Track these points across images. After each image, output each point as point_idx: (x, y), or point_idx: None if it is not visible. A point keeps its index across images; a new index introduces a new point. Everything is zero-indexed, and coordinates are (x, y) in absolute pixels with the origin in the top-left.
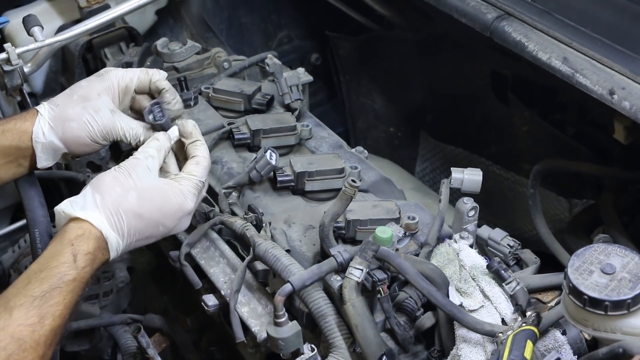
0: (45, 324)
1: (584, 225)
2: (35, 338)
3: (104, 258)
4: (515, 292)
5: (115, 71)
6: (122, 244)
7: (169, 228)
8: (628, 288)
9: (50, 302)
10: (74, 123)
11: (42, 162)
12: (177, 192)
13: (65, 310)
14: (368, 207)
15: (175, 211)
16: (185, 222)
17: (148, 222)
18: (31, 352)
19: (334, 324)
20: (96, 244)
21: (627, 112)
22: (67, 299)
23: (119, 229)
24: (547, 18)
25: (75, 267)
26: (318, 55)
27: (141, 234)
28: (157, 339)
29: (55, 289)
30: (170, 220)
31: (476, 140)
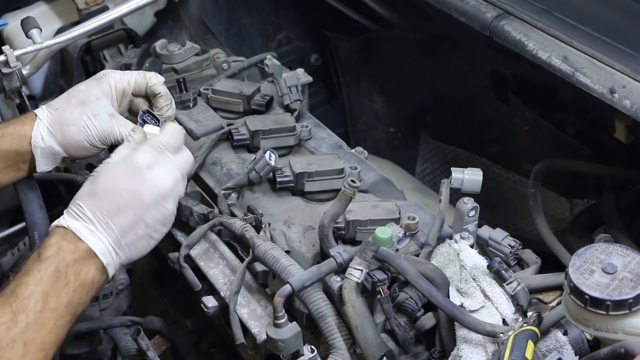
0: (19, 320)
1: (585, 225)
2: (11, 336)
3: (76, 248)
4: (516, 293)
5: (112, 74)
6: (93, 227)
7: (136, 190)
8: (629, 288)
9: (19, 297)
10: (73, 127)
11: (42, 167)
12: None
13: (37, 304)
14: (368, 208)
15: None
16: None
17: (105, 194)
18: (8, 350)
19: (334, 325)
20: (58, 235)
21: (628, 111)
22: (36, 292)
23: (76, 214)
24: (547, 17)
25: (38, 260)
26: (317, 56)
27: (106, 208)
28: (157, 341)
29: (22, 284)
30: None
31: (476, 141)
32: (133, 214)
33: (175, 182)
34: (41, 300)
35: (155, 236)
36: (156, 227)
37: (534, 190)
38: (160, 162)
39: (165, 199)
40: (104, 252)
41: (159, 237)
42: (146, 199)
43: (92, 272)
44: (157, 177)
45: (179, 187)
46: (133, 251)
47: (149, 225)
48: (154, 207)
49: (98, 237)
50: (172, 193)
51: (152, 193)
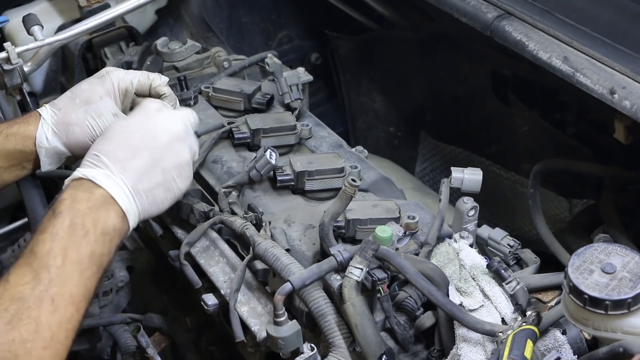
0: (41, 278)
1: (584, 225)
2: (36, 294)
3: (92, 196)
4: (515, 292)
5: (115, 72)
6: (110, 172)
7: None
8: (628, 287)
9: (39, 255)
10: (77, 128)
11: (46, 166)
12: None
13: (57, 259)
14: (368, 207)
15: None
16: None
17: (120, 137)
18: (35, 309)
19: (334, 323)
20: (72, 188)
21: (628, 112)
22: (54, 247)
23: (92, 163)
24: (547, 17)
25: (52, 216)
26: (318, 54)
27: (122, 151)
28: (157, 339)
29: (38, 242)
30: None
31: (476, 140)
32: (149, 155)
33: (186, 127)
34: (61, 254)
35: (173, 187)
36: (173, 175)
37: (533, 190)
38: (168, 108)
39: (180, 142)
40: (122, 195)
41: (176, 190)
42: (161, 139)
43: (112, 219)
44: (169, 119)
45: (191, 136)
46: (151, 200)
47: (166, 171)
48: (169, 149)
49: (114, 181)
50: (186, 140)
51: (166, 134)
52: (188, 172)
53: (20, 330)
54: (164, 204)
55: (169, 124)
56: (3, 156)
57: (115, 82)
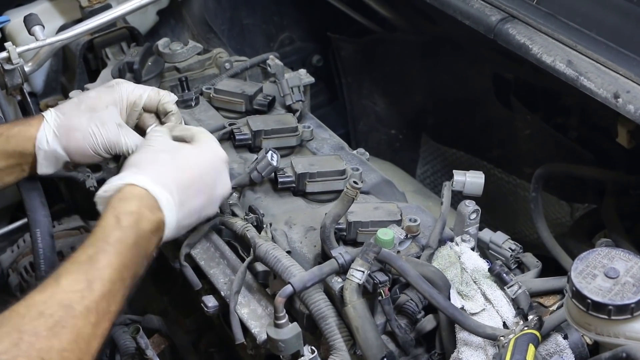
0: (94, 289)
1: (585, 230)
2: (85, 304)
3: (154, 217)
4: (517, 296)
5: (126, 84)
6: (172, 199)
7: (213, 180)
8: (632, 292)
9: (97, 265)
10: (79, 133)
11: (43, 169)
12: (204, 143)
13: (115, 273)
14: (369, 209)
15: (211, 160)
16: (226, 176)
17: (190, 174)
18: (81, 319)
19: (335, 326)
20: (140, 202)
21: (632, 116)
22: (114, 262)
23: (162, 182)
24: (551, 21)
25: (119, 228)
26: (320, 56)
27: (188, 187)
28: (156, 340)
29: (100, 252)
30: (211, 170)
31: (478, 144)
32: (202, 202)
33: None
34: (118, 271)
35: (192, 225)
36: (201, 219)
37: (535, 194)
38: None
39: (222, 200)
40: (171, 228)
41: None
42: (217, 194)
43: (154, 245)
44: (226, 177)
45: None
46: (177, 232)
47: (201, 217)
48: (217, 202)
49: (172, 212)
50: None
51: (223, 190)
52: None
53: (60, 338)
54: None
55: (227, 182)
56: (2, 157)
57: (124, 94)
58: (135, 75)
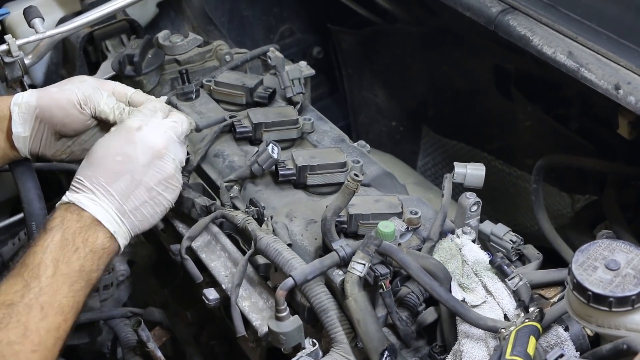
0: (31, 287)
1: (586, 221)
2: (26, 302)
3: (80, 216)
4: (518, 288)
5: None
6: (94, 195)
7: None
8: (632, 284)
9: (29, 267)
10: (55, 88)
11: (17, 127)
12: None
13: (48, 269)
14: (370, 202)
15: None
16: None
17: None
18: (24, 315)
19: (336, 319)
20: (62, 210)
21: (633, 107)
22: (44, 259)
23: (76, 187)
24: (552, 12)
25: (43, 233)
26: (320, 48)
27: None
28: (157, 333)
29: (30, 255)
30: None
31: (478, 135)
32: (130, 177)
33: (168, 141)
34: (52, 266)
35: (161, 201)
36: (159, 190)
37: (535, 186)
38: (150, 123)
39: (161, 159)
40: (108, 219)
41: (165, 203)
42: (141, 160)
43: (101, 239)
44: (148, 136)
45: (174, 147)
46: (140, 218)
47: (151, 189)
48: (150, 167)
49: (100, 205)
50: (168, 152)
51: (146, 153)
52: (175, 183)
53: (7, 333)
54: (155, 217)
55: (149, 141)
56: None
57: (110, 83)
58: (136, 67)
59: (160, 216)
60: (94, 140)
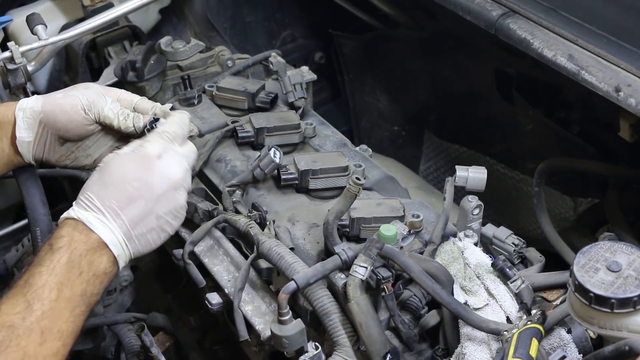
0: (34, 309)
1: (588, 224)
2: (27, 325)
3: (88, 237)
4: (520, 291)
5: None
6: (104, 218)
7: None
8: (634, 286)
9: (34, 287)
10: (60, 94)
11: (22, 132)
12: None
13: (53, 292)
14: (372, 205)
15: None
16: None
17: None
18: (24, 338)
19: (338, 322)
20: (70, 227)
21: (633, 110)
22: (50, 281)
23: (87, 205)
24: (552, 15)
25: (50, 251)
26: (322, 54)
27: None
28: (161, 338)
29: (35, 275)
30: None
31: (480, 139)
32: (144, 204)
33: (184, 172)
34: (56, 289)
35: (166, 229)
36: (167, 219)
37: (537, 189)
38: (170, 152)
39: (176, 190)
40: (115, 243)
41: (170, 230)
42: (157, 190)
43: (104, 263)
44: (168, 167)
45: (188, 177)
46: (143, 244)
47: (160, 217)
48: (164, 197)
49: (109, 228)
50: (183, 184)
51: (163, 183)
52: (183, 212)
53: (7, 356)
54: (157, 243)
55: (168, 172)
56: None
57: (116, 90)
58: (138, 73)
59: (162, 242)
60: (98, 145)
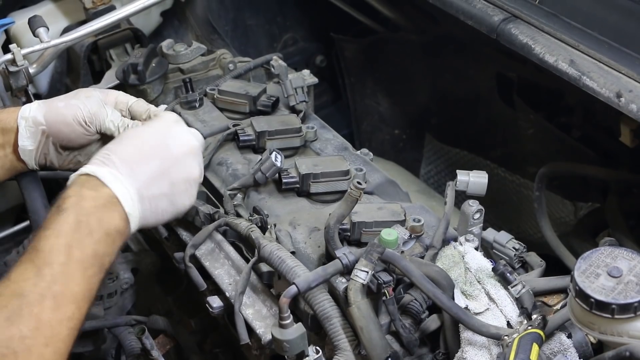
0: (44, 274)
1: (589, 229)
2: (38, 291)
3: (99, 194)
4: (521, 295)
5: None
6: (117, 172)
7: (163, 143)
8: (635, 291)
9: (41, 252)
10: (61, 103)
11: (24, 141)
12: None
13: (61, 255)
14: (373, 209)
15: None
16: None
17: (132, 142)
18: (37, 306)
19: (339, 326)
20: (79, 185)
21: (634, 115)
22: (56, 244)
23: (102, 161)
24: (554, 20)
25: (57, 213)
26: (323, 57)
27: (131, 154)
28: (161, 341)
29: (42, 239)
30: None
31: (481, 143)
32: (159, 164)
33: (200, 145)
34: (64, 252)
35: (176, 202)
36: (180, 188)
37: (538, 193)
38: (184, 124)
39: (193, 158)
40: (127, 198)
41: (180, 205)
42: (174, 151)
43: (116, 220)
44: (185, 132)
45: (201, 157)
46: (153, 208)
47: (174, 184)
48: (181, 162)
49: (122, 183)
50: (198, 156)
51: (181, 146)
52: (194, 190)
53: (20, 326)
54: (165, 216)
55: (185, 137)
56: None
57: (114, 93)
58: (140, 76)
59: (170, 217)
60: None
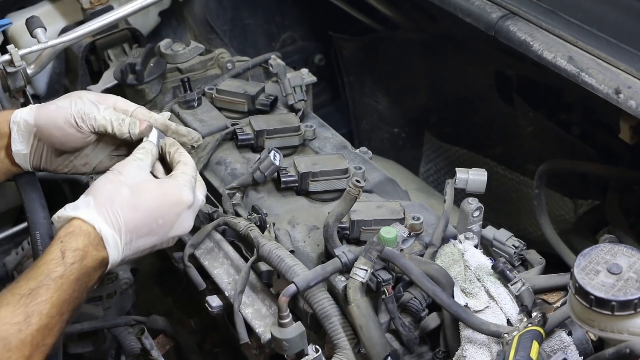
0: (31, 323)
1: (589, 226)
2: (21, 337)
3: (99, 255)
4: (521, 293)
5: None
6: (120, 240)
7: (170, 222)
8: (635, 288)
9: (37, 300)
10: (52, 106)
11: (17, 145)
12: (172, 184)
13: (53, 309)
14: (372, 208)
15: (172, 203)
16: (188, 219)
17: (145, 215)
18: (16, 352)
19: (339, 325)
20: (87, 239)
21: (634, 112)
22: (54, 297)
23: (112, 222)
24: (552, 17)
25: (63, 264)
26: (322, 56)
27: (139, 228)
28: (161, 341)
29: (42, 287)
30: (169, 213)
31: (480, 141)
32: (154, 240)
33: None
34: (57, 306)
35: (159, 247)
36: (169, 242)
37: (538, 191)
38: (196, 205)
39: (190, 216)
40: (116, 263)
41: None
42: (171, 235)
43: (96, 279)
44: (188, 220)
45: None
46: (135, 254)
47: (152, 251)
48: (170, 241)
49: (119, 251)
50: (195, 212)
51: (178, 232)
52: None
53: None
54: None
55: (186, 224)
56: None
57: (112, 98)
58: (138, 76)
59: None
60: (96, 154)
